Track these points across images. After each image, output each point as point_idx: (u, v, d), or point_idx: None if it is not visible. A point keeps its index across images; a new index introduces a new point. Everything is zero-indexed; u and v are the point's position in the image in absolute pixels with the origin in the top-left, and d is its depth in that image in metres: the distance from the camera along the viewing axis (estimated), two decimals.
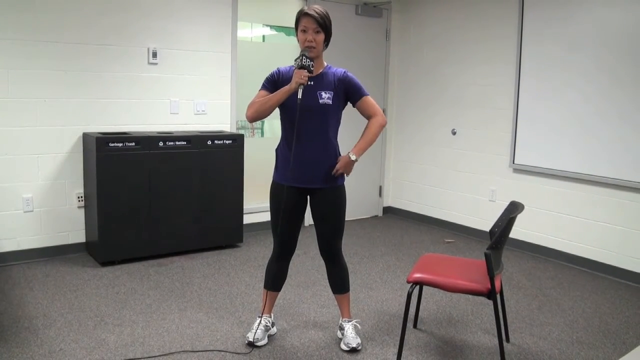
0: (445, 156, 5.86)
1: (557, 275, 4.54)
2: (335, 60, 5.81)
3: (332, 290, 3.22)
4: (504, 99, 5.25)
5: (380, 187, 6.48)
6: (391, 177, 6.54)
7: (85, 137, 4.49)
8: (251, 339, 3.10)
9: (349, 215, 6.41)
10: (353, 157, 2.98)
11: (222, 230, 4.90)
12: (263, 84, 3.02)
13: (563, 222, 4.86)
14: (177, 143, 4.57)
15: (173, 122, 4.97)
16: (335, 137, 3.05)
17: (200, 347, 3.10)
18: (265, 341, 3.16)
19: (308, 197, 3.09)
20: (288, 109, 2.96)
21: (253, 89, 5.37)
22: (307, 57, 2.84)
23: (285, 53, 5.74)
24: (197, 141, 4.67)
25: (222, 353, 3.04)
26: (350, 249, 5.07)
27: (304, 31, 2.90)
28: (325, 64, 3.04)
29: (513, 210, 3.01)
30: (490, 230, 3.23)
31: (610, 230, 4.53)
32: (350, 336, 3.12)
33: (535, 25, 4.89)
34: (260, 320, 3.19)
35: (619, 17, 4.32)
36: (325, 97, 2.93)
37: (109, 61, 4.59)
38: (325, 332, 3.34)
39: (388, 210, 6.57)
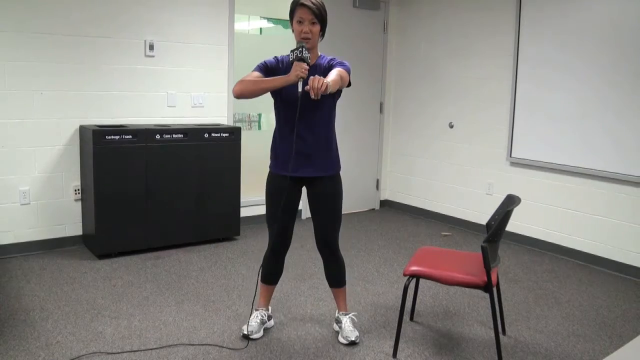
0: (443, 149, 5.86)
1: (554, 268, 4.55)
2: (333, 53, 5.84)
3: (328, 284, 3.22)
4: (501, 92, 5.24)
5: (378, 180, 6.48)
6: (388, 170, 6.54)
7: (82, 129, 4.47)
8: (246, 332, 3.11)
9: (346, 209, 6.44)
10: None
11: (219, 223, 4.90)
12: (258, 66, 2.94)
13: (560, 215, 4.87)
14: (174, 136, 4.55)
15: (170, 115, 4.96)
16: (331, 129, 3.03)
17: (196, 339, 3.11)
18: (260, 334, 3.16)
19: (304, 188, 3.09)
20: (285, 101, 2.92)
21: None
22: (305, 49, 2.79)
23: (282, 45, 5.73)
24: (194, 134, 4.66)
25: (219, 346, 3.05)
26: (347, 242, 5.08)
27: (300, 22, 2.84)
28: (319, 54, 3.01)
29: (510, 203, 3.01)
30: (487, 224, 3.23)
31: (607, 223, 4.54)
32: (349, 329, 3.13)
33: (533, 16, 4.87)
34: (257, 313, 3.21)
35: (621, 5, 4.30)
36: None
37: (105, 53, 4.57)
38: (322, 325, 3.35)
39: (385, 203, 6.58)
